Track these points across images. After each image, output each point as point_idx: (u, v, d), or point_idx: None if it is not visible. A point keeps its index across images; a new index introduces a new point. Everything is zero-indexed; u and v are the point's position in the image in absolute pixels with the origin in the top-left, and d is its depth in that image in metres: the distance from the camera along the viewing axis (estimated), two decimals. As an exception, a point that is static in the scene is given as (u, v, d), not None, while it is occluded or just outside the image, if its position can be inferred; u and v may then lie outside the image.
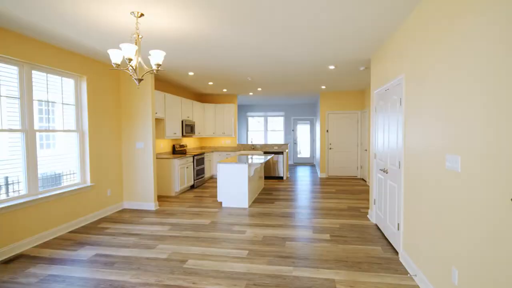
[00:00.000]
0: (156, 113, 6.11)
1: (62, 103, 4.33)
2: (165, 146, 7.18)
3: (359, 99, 8.76)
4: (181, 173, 6.64)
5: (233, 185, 5.53)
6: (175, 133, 6.98)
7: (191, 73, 5.87)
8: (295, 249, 3.52)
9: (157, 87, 6.82)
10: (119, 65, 2.92)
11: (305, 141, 12.97)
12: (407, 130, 3.05)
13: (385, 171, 3.81)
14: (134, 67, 2.96)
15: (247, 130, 13.28)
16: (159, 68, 3.01)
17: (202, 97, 9.63)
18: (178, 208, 5.43)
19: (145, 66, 3.06)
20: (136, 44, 2.96)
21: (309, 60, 4.88)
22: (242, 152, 8.86)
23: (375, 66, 4.44)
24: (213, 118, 9.16)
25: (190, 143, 8.74)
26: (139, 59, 3.03)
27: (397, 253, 3.38)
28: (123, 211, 5.29)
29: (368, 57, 4.71)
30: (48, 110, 4.19)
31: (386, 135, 3.82)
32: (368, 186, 7.50)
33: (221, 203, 5.75)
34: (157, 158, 6.57)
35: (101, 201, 4.93)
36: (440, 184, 2.33)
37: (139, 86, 4.89)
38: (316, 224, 4.46)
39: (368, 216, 4.81)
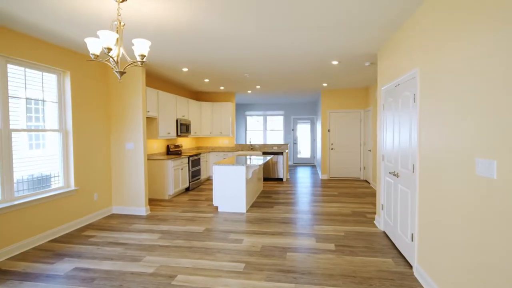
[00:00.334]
0: (148, 111, 5.76)
1: (43, 100, 3.98)
2: (158, 146, 6.83)
3: (362, 97, 8.42)
4: (175, 175, 6.30)
5: (230, 188, 5.18)
6: (169, 133, 6.63)
7: (185, 69, 5.52)
8: (297, 262, 3.17)
9: (149, 84, 6.47)
10: (98, 56, 2.57)
11: (305, 141, 12.64)
12: (423, 129, 2.71)
13: (395, 174, 3.46)
14: (115, 59, 2.62)
15: (246, 130, 12.93)
16: (144, 60, 2.66)
17: (198, 95, 9.28)
18: (170, 213, 5.08)
19: (128, 58, 2.72)
20: (117, 32, 2.61)
21: (311, 54, 4.54)
22: (240, 152, 8.52)
23: (383, 61, 4.10)
24: (210, 117, 8.81)
25: (185, 143, 8.39)
26: (121, 49, 2.68)
27: (410, 266, 3.04)
28: (112, 216, 4.94)
29: (374, 51, 4.37)
30: (38, 108, 3.88)
31: (396, 135, 3.48)
32: (373, 188, 7.17)
33: (217, 207, 5.41)
34: (149, 159, 6.22)
35: (87, 206, 4.58)
36: (468, 192, 1.98)
37: (121, 80, 4.52)
38: (319, 231, 4.12)
39: (375, 222, 4.47)
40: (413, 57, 2.95)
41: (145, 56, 2.62)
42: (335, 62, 5.02)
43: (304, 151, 12.68)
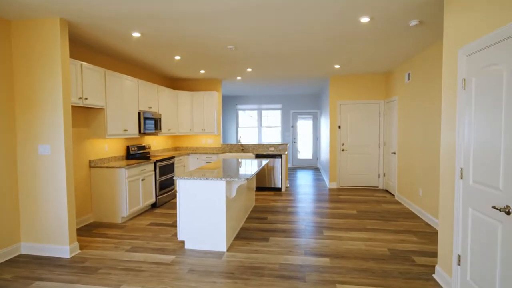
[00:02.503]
0: (86, 98, 3.94)
1: None
2: (113, 148, 5.01)
3: (382, 84, 6.66)
4: (131, 188, 4.50)
5: (202, 214, 3.40)
6: (126, 130, 4.81)
7: (136, 34, 3.69)
8: None
9: (91, 60, 4.64)
10: None
11: (306, 139, 10.86)
12: None
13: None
14: None
15: (237, 126, 11.13)
16: None
17: (174, 83, 7.46)
18: (110, 254, 3.29)
19: None
20: None
21: (330, 4, 2.75)
22: (228, 155, 6.74)
23: (456, 8, 2.33)
24: (189, 110, 6.99)
25: (157, 143, 6.58)
26: None
27: None
28: (15, 261, 3.13)
29: (438, -7, 2.59)
30: None
31: (517, 134, 1.72)
32: (401, 204, 5.41)
33: (183, 243, 3.62)
34: (94, 167, 4.42)
35: (-39, 251, 2.78)
36: None
37: None
38: (348, 302, 2.36)
39: (435, 277, 2.72)
40: None
41: None
42: (364, 20, 3.23)
43: (304, 152, 10.91)
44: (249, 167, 4.20)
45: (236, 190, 3.55)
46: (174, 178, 3.42)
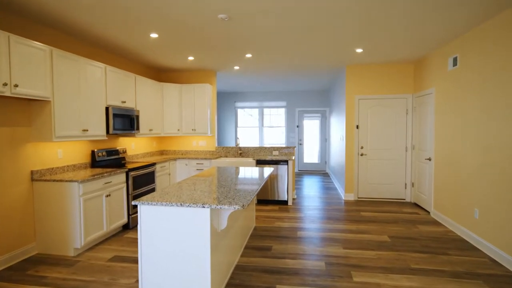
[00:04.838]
0: (16, 85, 2.78)
1: None
2: (72, 153, 3.86)
3: (409, 75, 5.49)
4: (90, 208, 3.35)
5: (176, 257, 2.25)
6: (85, 130, 3.67)
7: (81, -10, 2.56)
8: None
9: (33, 34, 3.50)
10: None
11: (313, 141, 9.69)
12: None
13: None
14: None
15: (236, 127, 9.98)
16: None
17: (160, 75, 6.31)
18: (31, 322, 2.14)
19: None
20: None
21: None
22: (224, 160, 5.59)
23: None
24: (177, 106, 5.84)
25: (138, 146, 5.43)
26: None
27: None
28: None
29: None
30: None
31: None
32: (443, 225, 4.23)
33: (147, 299, 2.46)
34: (37, 180, 3.27)
35: None
36: None
37: None
38: None
39: None
40: None
41: None
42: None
43: (311, 155, 9.74)
44: (249, 180, 3.04)
45: (227, 218, 2.40)
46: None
